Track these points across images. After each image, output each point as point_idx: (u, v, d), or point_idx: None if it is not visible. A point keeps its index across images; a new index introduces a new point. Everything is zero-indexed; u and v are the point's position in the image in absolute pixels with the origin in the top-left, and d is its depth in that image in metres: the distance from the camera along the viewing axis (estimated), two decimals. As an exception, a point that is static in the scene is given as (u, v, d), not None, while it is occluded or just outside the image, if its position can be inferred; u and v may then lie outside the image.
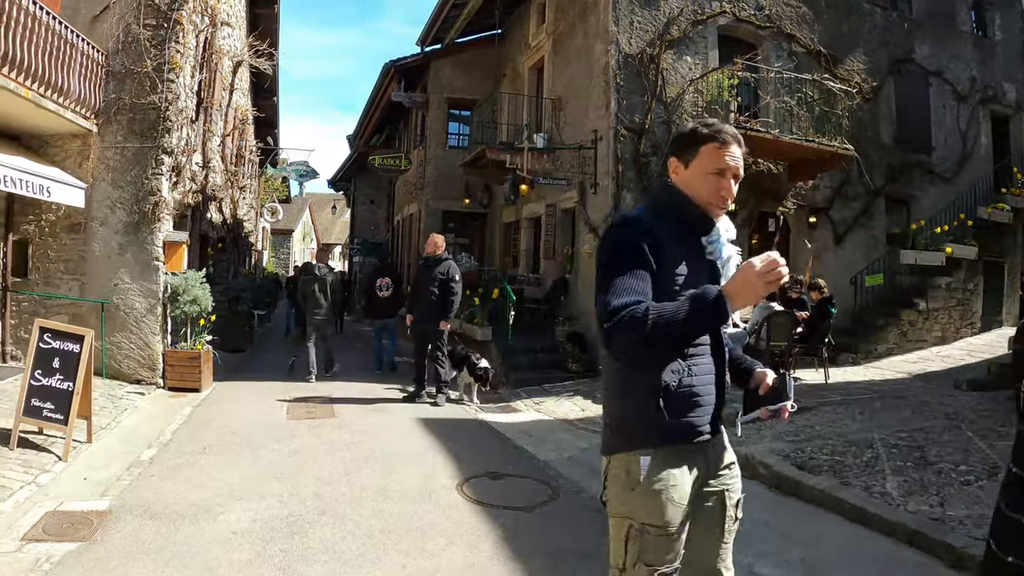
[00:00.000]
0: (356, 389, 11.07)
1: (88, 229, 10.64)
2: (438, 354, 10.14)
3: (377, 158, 20.08)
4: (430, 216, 18.99)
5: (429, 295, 10.05)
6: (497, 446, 7.99)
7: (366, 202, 33.10)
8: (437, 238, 10.41)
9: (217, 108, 14.63)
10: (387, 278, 12.67)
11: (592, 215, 13.10)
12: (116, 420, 8.58)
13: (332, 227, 58.80)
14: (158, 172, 10.59)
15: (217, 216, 15.87)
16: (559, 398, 10.77)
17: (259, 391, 10.75)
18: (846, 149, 12.80)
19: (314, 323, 11.88)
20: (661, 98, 12.97)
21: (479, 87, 18.78)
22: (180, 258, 10.79)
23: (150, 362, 10.58)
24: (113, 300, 10.51)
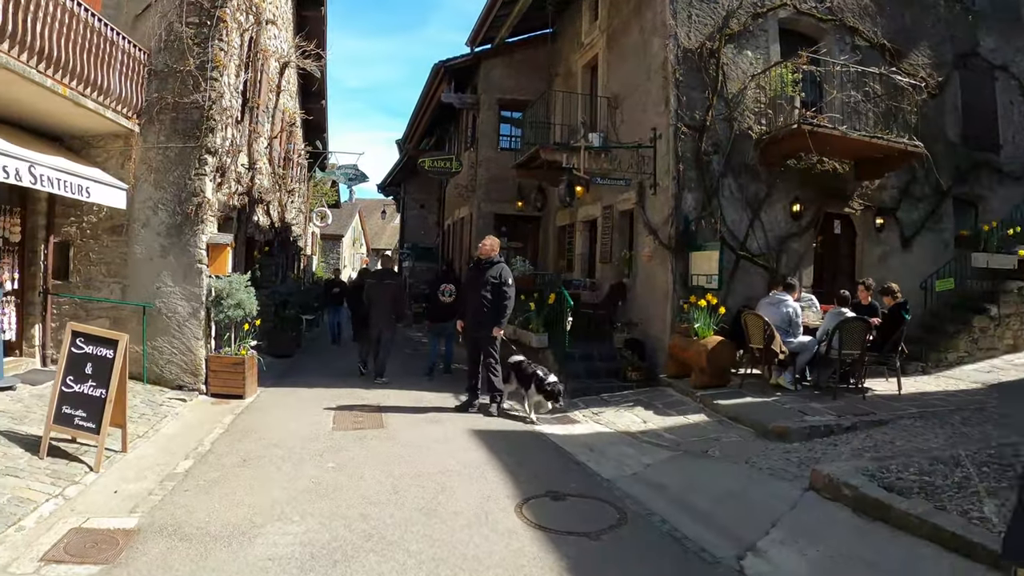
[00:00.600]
0: (406, 397, 10.60)
1: (130, 231, 10.35)
2: (491, 361, 9.62)
3: (427, 160, 19.62)
4: (482, 219, 18.52)
5: (481, 300, 9.54)
6: (556, 461, 7.40)
7: (416, 207, 32.79)
8: (491, 240, 9.91)
9: (264, 109, 14.30)
10: (451, 284, 12.67)
11: (652, 217, 12.47)
12: (154, 428, 8.22)
13: (382, 232, 58.76)
14: (201, 172, 10.25)
15: (264, 219, 15.56)
16: (619, 408, 10.16)
17: (305, 399, 10.32)
18: (916, 146, 11.97)
19: (377, 325, 12.08)
20: (722, 94, 12.29)
21: (530, 87, 18.21)
22: (224, 261, 10.42)
23: (192, 368, 10.23)
24: (155, 303, 10.19)
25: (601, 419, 9.61)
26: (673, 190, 11.90)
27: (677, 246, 11.72)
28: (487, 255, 9.70)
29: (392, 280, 12.63)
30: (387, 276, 12.65)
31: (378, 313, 12.08)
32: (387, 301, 12.09)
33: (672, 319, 11.61)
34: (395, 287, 12.48)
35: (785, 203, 12.44)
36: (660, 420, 9.41)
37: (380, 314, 12.08)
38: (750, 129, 12.32)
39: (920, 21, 13.96)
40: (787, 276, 11.35)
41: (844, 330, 9.76)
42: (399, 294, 12.60)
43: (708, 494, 6.40)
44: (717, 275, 11.10)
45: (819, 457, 7.35)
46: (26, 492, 5.66)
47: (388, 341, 12.27)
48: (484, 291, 9.52)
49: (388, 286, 12.23)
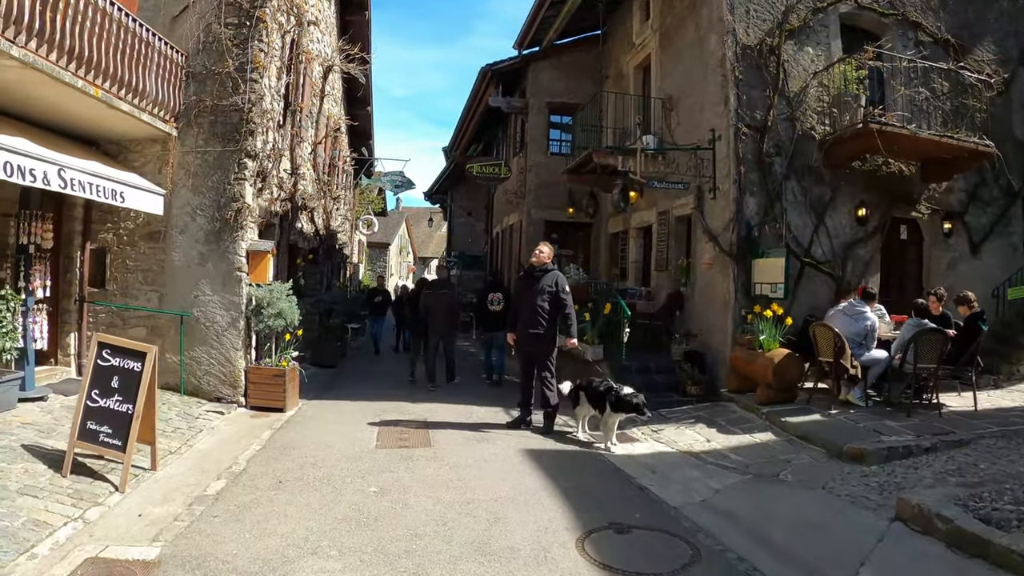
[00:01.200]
0: (454, 412, 10.06)
1: (167, 237, 10.00)
2: (546, 375, 9.02)
3: (475, 166, 19.09)
4: (532, 226, 17.95)
5: (535, 310, 8.93)
6: (617, 486, 6.77)
7: (463, 214, 32.37)
8: (546, 247, 9.30)
9: (307, 114, 13.94)
10: (499, 293, 12.81)
11: (711, 222, 11.81)
12: (188, 443, 7.80)
13: (428, 241, 58.64)
14: (241, 177, 9.86)
15: (308, 226, 15.20)
16: (679, 425, 9.51)
17: (348, 412, 9.85)
18: (986, 146, 11.15)
19: (436, 334, 12.44)
20: (783, 93, 11.59)
21: (580, 90, 17.62)
22: (265, 269, 10.01)
23: (231, 379, 9.82)
24: (193, 312, 9.82)
25: (661, 437, 8.97)
26: (734, 194, 11.24)
27: (739, 253, 11.05)
28: (542, 263, 9.12)
29: (448, 290, 12.95)
30: (444, 286, 13.00)
31: (436, 322, 12.38)
32: (444, 310, 12.37)
33: (733, 330, 10.95)
34: (451, 296, 12.77)
35: (850, 207, 11.71)
36: (724, 439, 8.75)
37: (438, 323, 12.38)
38: (812, 129, 11.62)
39: (983, 15, 13.12)
40: (867, 285, 10.69)
41: (920, 342, 9.03)
42: (455, 303, 12.82)
43: (786, 525, 5.75)
44: (783, 284, 10.40)
45: (900, 482, 6.67)
46: (43, 514, 5.24)
47: (450, 349, 12.70)
48: (539, 301, 8.93)
49: (444, 295, 12.57)
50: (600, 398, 8.40)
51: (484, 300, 12.86)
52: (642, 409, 8.13)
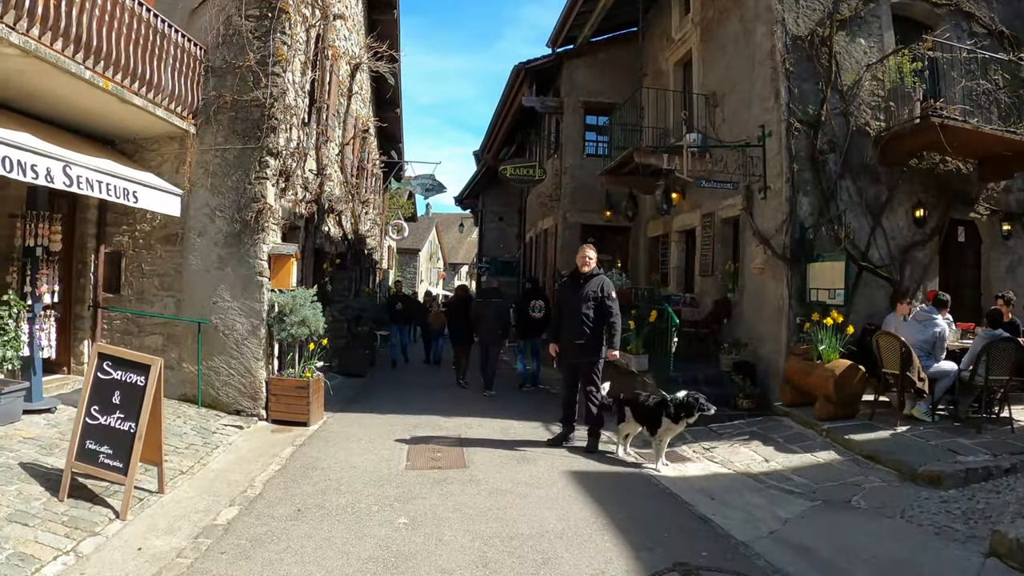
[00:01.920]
0: (490, 427, 9.39)
1: (185, 240, 9.46)
2: (591, 390, 8.30)
3: (508, 168, 18.35)
4: (568, 230, 17.21)
5: (580, 319, 8.22)
6: (675, 515, 6.02)
7: (495, 219, 31.71)
8: (591, 250, 8.59)
9: (334, 113, 13.37)
10: (540, 300, 13.03)
11: (762, 224, 11.04)
12: (202, 461, 7.20)
13: (459, 246, 58.16)
14: (262, 176, 9.28)
15: (335, 230, 14.62)
16: (732, 442, 8.76)
17: (376, 426, 9.21)
18: (1050, 143, 10.30)
19: (485, 342, 12.71)
20: (836, 86, 10.82)
21: (617, 90, 16.85)
22: (288, 273, 9.41)
23: (252, 391, 9.22)
24: (211, 320, 9.25)
25: (715, 455, 8.23)
26: (787, 193, 10.48)
27: (792, 256, 10.27)
28: (588, 267, 8.43)
29: (498, 298, 13.14)
30: (493, 295, 13.31)
31: (485, 330, 12.65)
32: (493, 318, 12.57)
33: (787, 339, 10.18)
34: (501, 305, 12.94)
35: (907, 207, 10.90)
36: (784, 458, 7.99)
37: (487, 331, 12.62)
38: (867, 125, 10.83)
39: (1034, 6, 12.29)
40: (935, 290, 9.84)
41: (993, 353, 8.25)
42: (505, 312, 12.96)
43: (869, 562, 5.03)
44: (843, 289, 9.60)
45: (983, 508, 5.97)
46: (32, 547, 4.66)
47: (494, 358, 12.74)
48: (585, 308, 8.22)
49: (494, 304, 12.81)
50: (651, 414, 7.67)
51: (525, 306, 12.97)
52: (706, 406, 7.47)
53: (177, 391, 9.43)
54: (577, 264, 8.53)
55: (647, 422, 7.73)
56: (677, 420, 7.52)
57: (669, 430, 7.63)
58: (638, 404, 7.82)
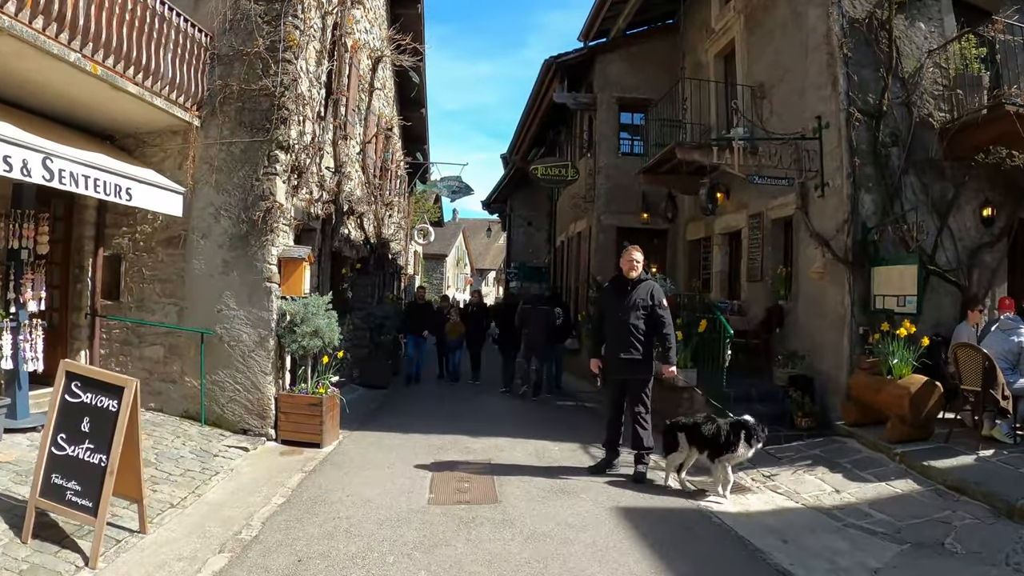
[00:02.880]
0: (523, 449, 8.46)
1: (188, 242, 8.68)
2: (641, 411, 7.35)
3: (539, 167, 17.28)
4: (602, 233, 16.21)
5: (627, 331, 7.25)
6: (749, 568, 5.04)
7: (523, 224, 30.77)
8: (635, 252, 7.61)
9: (353, 109, 12.55)
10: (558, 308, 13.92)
11: (819, 224, 10.02)
12: (197, 491, 6.35)
13: (486, 252, 57.34)
14: (271, 172, 8.46)
15: (357, 233, 13.79)
16: (795, 469, 7.77)
17: (397, 449, 8.31)
18: None
19: (531, 348, 13.14)
20: (896, 73, 9.85)
21: (652, 85, 15.81)
22: (300, 279, 8.57)
23: (259, 408, 8.38)
24: (215, 329, 8.44)
25: (778, 485, 7.24)
26: (848, 190, 9.48)
27: (855, 260, 9.28)
28: (636, 271, 7.49)
29: (546, 305, 13.64)
30: (541, 301, 13.84)
31: (532, 336, 13.01)
32: (541, 326, 13.00)
33: (850, 351, 9.18)
34: (548, 313, 13.39)
35: (974, 206, 9.86)
36: (856, 489, 6.99)
37: (534, 337, 13.00)
38: (930, 116, 9.82)
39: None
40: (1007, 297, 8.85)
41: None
42: (552, 320, 13.41)
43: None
44: (915, 296, 8.55)
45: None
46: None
47: (540, 366, 13.34)
48: (633, 319, 7.26)
49: (542, 311, 13.24)
50: (713, 440, 6.73)
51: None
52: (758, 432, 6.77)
53: (179, 407, 8.62)
54: (622, 268, 7.59)
55: (707, 448, 6.79)
56: (748, 447, 6.67)
57: (734, 457, 6.70)
58: (696, 429, 6.83)
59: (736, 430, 6.72)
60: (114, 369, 8.88)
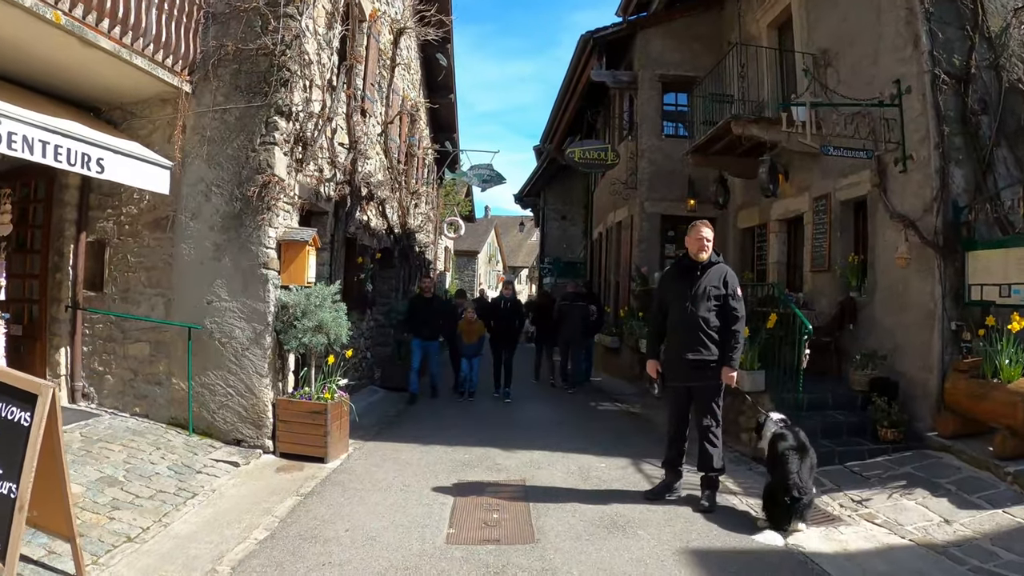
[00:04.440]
0: (564, 466, 7.18)
1: (176, 224, 7.55)
2: (710, 424, 6.03)
3: (577, 151, 15.87)
4: (646, 222, 14.84)
5: (696, 326, 5.92)
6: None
7: (557, 218, 29.49)
8: (705, 229, 6.19)
9: (373, 84, 11.39)
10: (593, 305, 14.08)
11: (901, 203, 8.65)
12: (165, 519, 5.21)
13: (519, 249, 56.10)
14: (269, 141, 7.30)
15: (378, 221, 12.63)
16: (887, 491, 6.43)
17: (414, 465, 7.10)
18: None
19: (568, 343, 13.60)
20: (983, 32, 8.49)
21: (696, 62, 14.42)
22: (303, 265, 7.39)
23: (254, 415, 7.21)
24: (204, 324, 7.29)
25: (874, 513, 5.91)
26: (936, 163, 8.11)
27: (946, 244, 7.92)
28: (707, 253, 6.11)
29: (583, 301, 13.75)
30: (579, 298, 13.85)
31: (568, 330, 13.36)
32: (578, 320, 13.27)
33: (941, 351, 7.82)
34: (585, 309, 13.54)
35: (1076, 183, 8.46)
36: (969, 518, 5.65)
37: (570, 331, 13.35)
38: (1020, 81, 8.43)
39: None
40: None
41: None
42: (587, 315, 13.53)
43: None
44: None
45: None
46: None
47: (577, 358, 13.75)
48: (703, 311, 5.93)
49: (579, 307, 13.47)
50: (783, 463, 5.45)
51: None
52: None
53: (166, 413, 7.50)
54: (689, 249, 6.21)
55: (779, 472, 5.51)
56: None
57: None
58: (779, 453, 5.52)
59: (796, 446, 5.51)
60: (97, 368, 7.88)
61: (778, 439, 5.58)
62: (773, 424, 5.73)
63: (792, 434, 5.55)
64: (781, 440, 5.54)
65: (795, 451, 5.43)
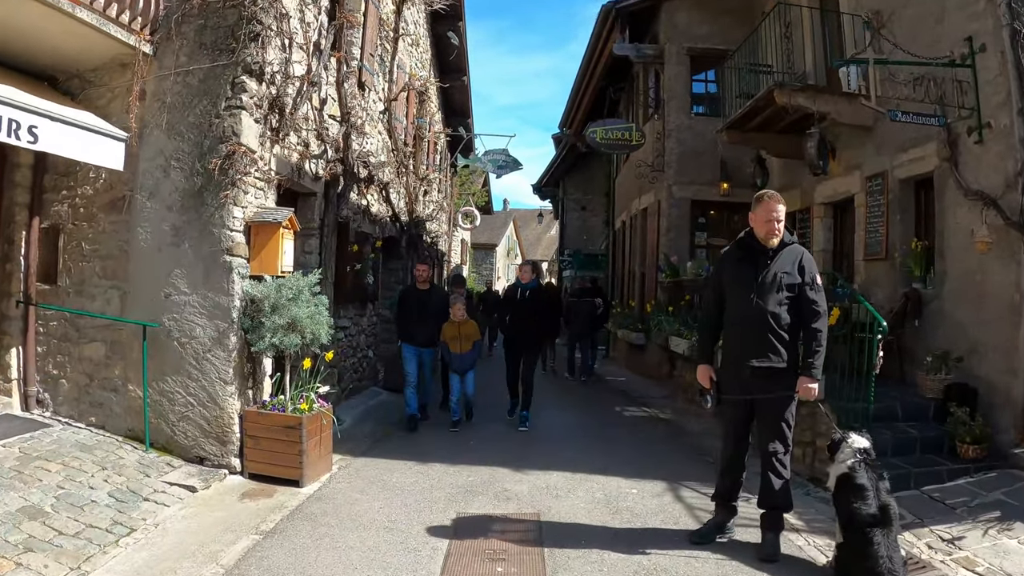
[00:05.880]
0: (587, 492, 5.98)
1: (132, 206, 6.46)
2: (778, 448, 4.74)
3: (599, 131, 14.53)
4: (674, 208, 13.66)
5: (765, 323, 4.69)
6: None
7: (576, 208, 28.29)
8: (776, 203, 4.84)
9: (371, 54, 10.28)
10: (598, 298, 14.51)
11: (976, 178, 7.42)
12: (84, 566, 4.21)
13: (538, 243, 54.96)
14: (235, 104, 6.19)
15: (381, 208, 11.51)
16: (980, 525, 5.21)
17: (407, 490, 5.96)
18: None
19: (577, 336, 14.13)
20: (1059, -21, 7.29)
21: (728, 35, 13.05)
22: (275, 251, 6.28)
23: (218, 429, 6.10)
24: (162, 321, 6.19)
25: (973, 558, 4.70)
26: (1020, 132, 6.84)
27: (1033, 224, 6.72)
28: (778, 234, 4.80)
29: (590, 296, 14.40)
30: (586, 293, 14.63)
31: (577, 324, 13.93)
32: (585, 315, 13.79)
33: (1030, 350, 6.62)
34: (591, 303, 14.10)
35: None
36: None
37: (579, 325, 13.91)
38: (1098, 39, 7.20)
39: None
40: None
41: None
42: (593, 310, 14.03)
43: None
44: None
45: None
46: None
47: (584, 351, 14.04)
48: (772, 304, 4.69)
49: (586, 302, 14.11)
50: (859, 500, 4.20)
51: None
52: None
53: (123, 424, 6.45)
54: (756, 231, 4.89)
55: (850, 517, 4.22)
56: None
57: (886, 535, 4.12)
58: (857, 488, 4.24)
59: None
60: (52, 372, 6.87)
61: (857, 495, 4.17)
62: (851, 455, 4.37)
63: (873, 490, 4.16)
64: (860, 498, 4.14)
65: (879, 525, 4.06)
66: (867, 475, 4.17)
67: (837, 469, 4.42)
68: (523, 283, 9.47)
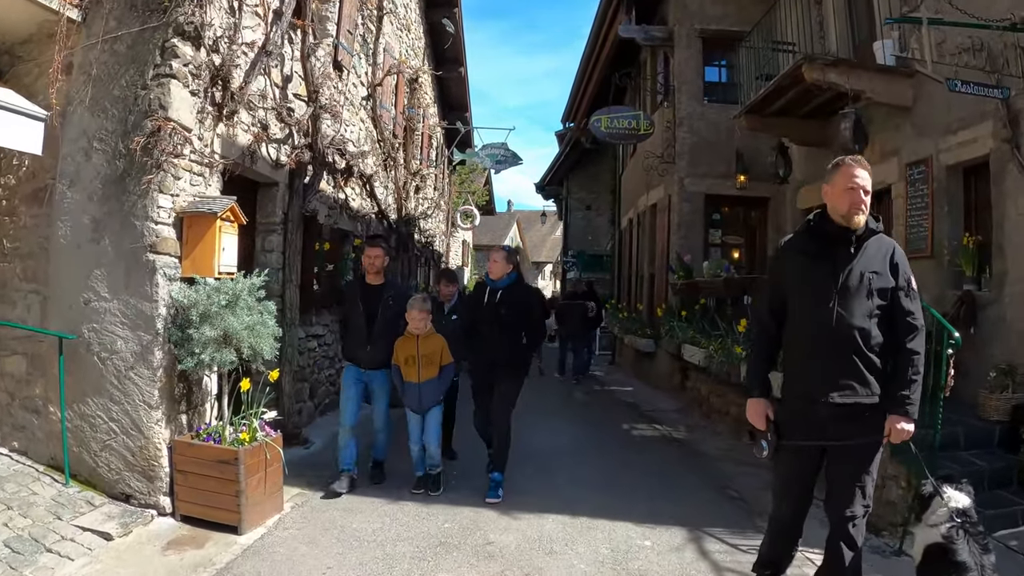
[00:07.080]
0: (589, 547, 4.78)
1: (52, 196, 5.43)
2: (856, 511, 3.49)
3: (604, 119, 13.35)
4: (687, 202, 12.55)
5: (851, 340, 3.45)
6: None
7: (581, 208, 27.31)
8: (859, 171, 3.47)
9: (350, 30, 9.30)
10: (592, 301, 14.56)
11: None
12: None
13: (542, 244, 54.04)
14: (164, 73, 5.17)
15: (363, 202, 10.48)
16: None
17: (366, 542, 4.84)
18: None
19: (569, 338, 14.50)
20: None
21: (743, 15, 12.03)
22: (210, 248, 5.21)
23: (143, 462, 5.06)
24: (81, 331, 5.15)
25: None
26: (1093, 106, 5.91)
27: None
28: (862, 216, 3.50)
29: (582, 299, 14.56)
30: (578, 296, 14.88)
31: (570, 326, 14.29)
32: (578, 318, 14.10)
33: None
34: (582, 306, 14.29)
35: None
36: None
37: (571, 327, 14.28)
38: None
39: None
40: None
41: None
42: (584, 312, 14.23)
43: None
44: None
45: None
46: None
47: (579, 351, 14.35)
48: (860, 315, 3.45)
49: (578, 305, 14.36)
50: None
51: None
52: None
53: (45, 451, 5.46)
54: (835, 204, 3.55)
55: None
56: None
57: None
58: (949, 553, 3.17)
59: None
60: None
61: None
62: (946, 517, 3.27)
63: (977, 569, 3.10)
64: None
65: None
66: (968, 548, 3.10)
67: (926, 535, 3.34)
68: (492, 280, 6.20)
